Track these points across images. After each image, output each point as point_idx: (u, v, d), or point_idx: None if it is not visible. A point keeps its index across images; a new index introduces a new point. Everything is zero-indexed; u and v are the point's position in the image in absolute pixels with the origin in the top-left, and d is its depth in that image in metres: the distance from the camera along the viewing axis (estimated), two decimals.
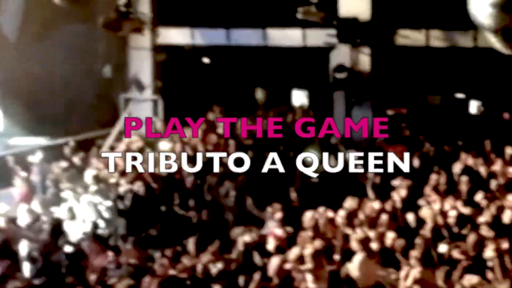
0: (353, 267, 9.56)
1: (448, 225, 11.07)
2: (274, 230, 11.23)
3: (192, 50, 20.09)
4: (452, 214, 11.25)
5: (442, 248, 10.16)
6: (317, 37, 18.10)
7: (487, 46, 12.41)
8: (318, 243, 10.16)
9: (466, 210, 11.34)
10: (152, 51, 20.06)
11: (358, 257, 9.69)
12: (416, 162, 14.46)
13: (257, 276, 9.35)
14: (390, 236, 10.45)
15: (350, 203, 12.11)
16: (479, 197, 12.02)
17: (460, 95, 21.21)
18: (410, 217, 11.34)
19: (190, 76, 20.78)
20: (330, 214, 11.40)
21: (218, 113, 19.48)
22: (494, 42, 11.63)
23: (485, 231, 10.32)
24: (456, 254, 9.95)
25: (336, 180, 14.18)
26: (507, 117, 18.46)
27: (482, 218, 11.02)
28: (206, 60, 21.73)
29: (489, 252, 9.61)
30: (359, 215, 11.59)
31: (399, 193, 12.10)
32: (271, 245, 10.71)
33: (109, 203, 13.86)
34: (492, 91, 19.05)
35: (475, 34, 16.73)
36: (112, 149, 16.92)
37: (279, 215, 11.94)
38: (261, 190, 13.76)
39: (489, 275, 8.93)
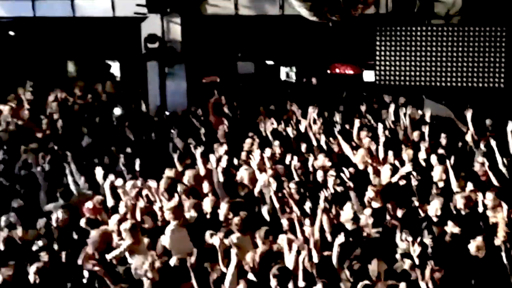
0: (165, 237, 9.61)
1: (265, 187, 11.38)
2: (86, 204, 10.98)
3: None
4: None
5: (264, 211, 10.41)
6: (127, 7, 17.87)
7: (294, 14, 12.80)
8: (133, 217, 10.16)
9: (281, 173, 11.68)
10: None
11: (170, 227, 9.75)
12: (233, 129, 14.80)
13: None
14: (208, 203, 10.61)
15: (168, 172, 12.15)
16: (289, 159, 12.44)
17: (270, 62, 21.82)
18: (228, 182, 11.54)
19: None
20: (151, 184, 11.35)
21: (29, 88, 18.86)
22: (300, 10, 12.02)
23: (294, 193, 10.66)
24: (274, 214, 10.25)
25: (153, 149, 14.22)
26: (314, 81, 19.23)
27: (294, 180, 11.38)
28: (11, 33, 20.91)
29: (295, 213, 9.95)
30: (179, 184, 11.63)
31: (218, 159, 12.23)
32: (84, 219, 10.49)
33: None
34: (301, 57, 19.72)
35: (281, 2, 17.23)
36: None
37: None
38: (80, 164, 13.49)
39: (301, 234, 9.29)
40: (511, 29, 15.68)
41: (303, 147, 13.13)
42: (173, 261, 8.65)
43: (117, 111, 17.01)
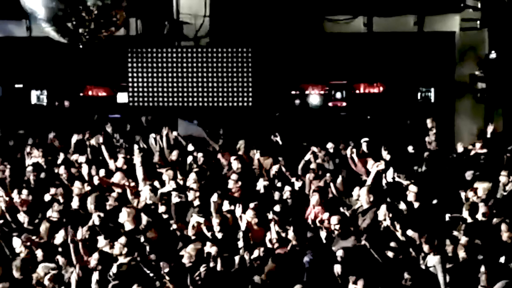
0: None
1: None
2: None
3: None
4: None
5: None
6: None
7: (43, 35, 12.56)
8: None
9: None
10: None
11: None
12: None
13: None
14: None
15: None
16: None
17: (19, 85, 21.03)
18: None
19: None
20: None
21: None
22: (48, 31, 11.78)
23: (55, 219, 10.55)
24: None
25: None
26: (67, 104, 18.93)
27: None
28: None
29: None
30: None
31: None
32: None
33: None
34: (52, 80, 19.21)
35: (29, 23, 16.81)
36: None
37: None
38: None
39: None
40: (256, 49, 16.42)
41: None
42: None
43: None
